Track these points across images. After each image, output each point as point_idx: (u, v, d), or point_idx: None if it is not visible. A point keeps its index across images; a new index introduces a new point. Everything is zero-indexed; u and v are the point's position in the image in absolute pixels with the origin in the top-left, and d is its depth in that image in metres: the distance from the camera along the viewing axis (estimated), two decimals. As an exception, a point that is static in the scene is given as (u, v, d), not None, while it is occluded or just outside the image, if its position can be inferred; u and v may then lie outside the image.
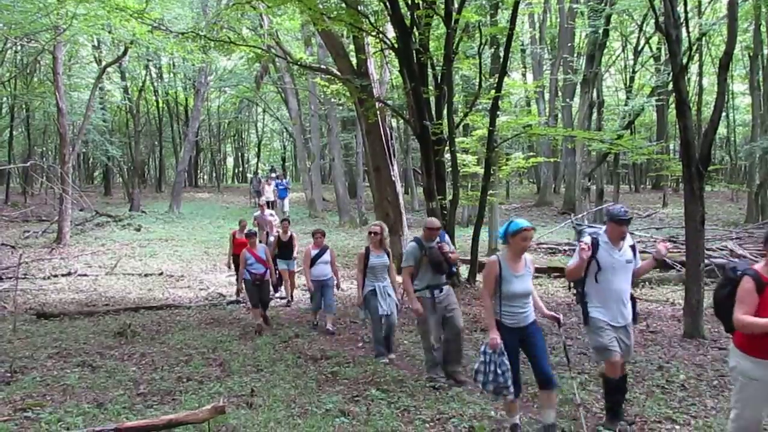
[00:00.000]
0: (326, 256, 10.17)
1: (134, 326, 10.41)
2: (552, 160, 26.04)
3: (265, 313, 10.52)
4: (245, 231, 11.32)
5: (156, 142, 44.65)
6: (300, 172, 36.06)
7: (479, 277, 13.65)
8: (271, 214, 15.40)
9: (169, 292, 14.08)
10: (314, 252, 10.16)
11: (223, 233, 23.23)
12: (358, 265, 8.30)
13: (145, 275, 15.98)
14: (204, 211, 30.33)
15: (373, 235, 8.30)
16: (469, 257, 13.80)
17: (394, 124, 29.29)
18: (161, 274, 16.13)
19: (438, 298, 7.20)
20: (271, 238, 13.20)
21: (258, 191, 29.73)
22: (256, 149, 61.06)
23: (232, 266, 12.97)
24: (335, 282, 10.23)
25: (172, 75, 41.93)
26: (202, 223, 26.44)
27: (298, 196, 33.44)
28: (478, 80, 14.61)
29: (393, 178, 15.00)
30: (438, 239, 7.29)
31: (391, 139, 15.35)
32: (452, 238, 13.27)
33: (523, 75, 39.97)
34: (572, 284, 5.90)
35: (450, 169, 13.89)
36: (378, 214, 15.39)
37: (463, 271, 13.94)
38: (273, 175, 29.76)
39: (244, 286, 10.45)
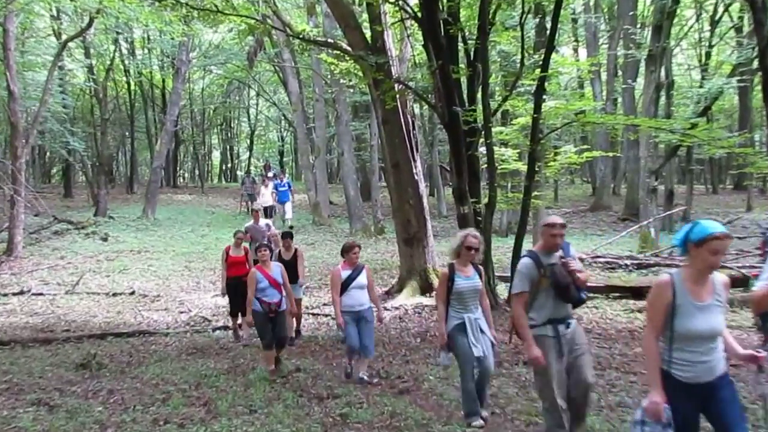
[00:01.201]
0: (362, 279, 9.11)
1: (100, 357, 10.45)
2: (610, 154, 25.91)
3: (279, 354, 9.82)
4: (257, 243, 10.61)
5: (127, 133, 45.09)
6: (301, 170, 36.14)
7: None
8: (268, 225, 15.18)
9: (143, 316, 14.16)
10: (346, 273, 9.06)
11: (208, 244, 23.36)
12: (439, 289, 7.43)
13: (114, 294, 16.09)
14: (184, 217, 30.49)
15: (466, 250, 7.36)
16: (508, 273, 13.73)
17: (416, 111, 29.32)
18: (133, 293, 16.24)
19: (564, 336, 6.37)
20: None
21: (251, 194, 29.84)
22: (248, 141, 61.44)
23: (227, 295, 12.37)
24: (376, 313, 9.25)
25: (146, 51, 42.29)
26: (183, 231, 26.63)
27: (300, 199, 33.56)
28: (519, 57, 14.57)
29: (416, 177, 15.00)
30: (561, 251, 6.51)
31: (414, 129, 15.34)
32: (487, 248, 13.25)
33: (575, 51, 39.91)
34: (760, 317, 5.51)
35: (485, 165, 13.85)
36: (397, 220, 15.38)
37: (501, 291, 13.89)
38: (270, 174, 29.87)
39: (252, 319, 9.68)
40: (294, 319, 11.76)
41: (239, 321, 12.15)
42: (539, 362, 6.17)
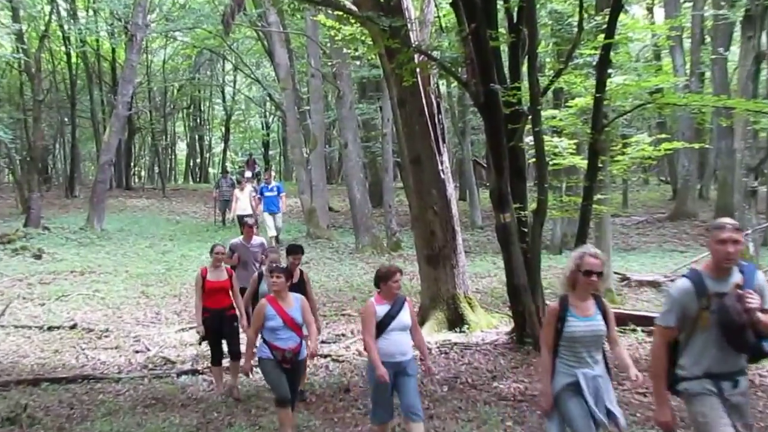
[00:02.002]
0: (404, 316, 8.59)
1: (32, 409, 10.47)
2: (696, 146, 25.73)
3: (293, 409, 9.52)
4: (270, 262, 10.54)
5: (66, 119, 45.31)
6: (292, 166, 36.24)
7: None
8: (263, 245, 14.48)
9: (87, 356, 14.18)
10: (383, 309, 8.55)
11: (171, 263, 23.42)
12: (545, 332, 6.98)
13: (50, 328, 16.13)
14: (141, 228, 30.57)
15: (584, 276, 6.81)
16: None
17: (443, 90, 29.29)
18: (74, 326, 16.27)
19: (731, 397, 5.93)
20: (265, 286, 11.91)
21: (228, 200, 29.84)
22: (223, 130, 61.69)
23: (202, 332, 11.93)
24: (421, 363, 8.87)
25: (91, 13, 42.50)
26: (138, 246, 26.73)
27: (290, 205, 33.63)
28: (577, 19, 14.55)
29: (441, 175, 15.00)
30: (740, 275, 5.98)
31: (439, 112, 15.35)
32: (535, 268, 13.24)
33: (649, 10, 39.85)
34: None
35: (533, 160, 13.83)
36: (417, 232, 15.37)
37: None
38: (248, 173, 29.95)
39: (249, 367, 9.58)
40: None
41: (226, 364, 11.89)
42: (668, 427, 6.03)
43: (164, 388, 12.03)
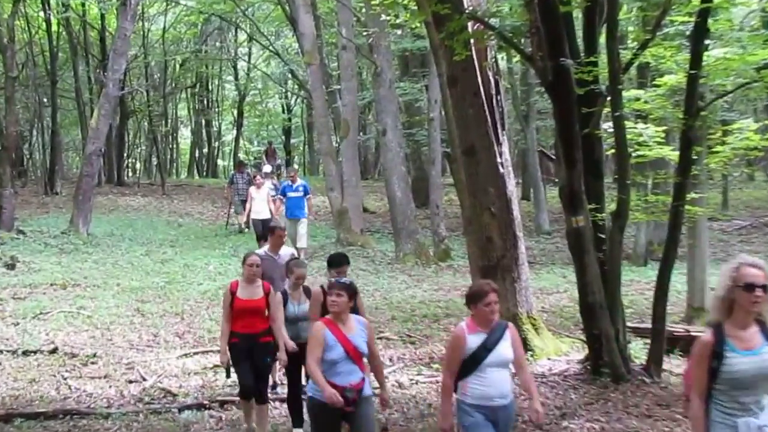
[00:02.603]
0: (504, 349, 8.20)
1: (6, 449, 10.58)
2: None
3: None
4: (296, 278, 10.87)
5: (46, 100, 45.59)
6: (318, 158, 36.35)
7: (670, 364, 13.55)
8: (294, 256, 14.22)
9: (70, 386, 14.26)
10: (476, 339, 8.15)
11: (172, 274, 23.54)
12: (695, 372, 6.46)
13: (25, 353, 16.22)
14: (135, 232, 30.74)
15: (745, 294, 6.28)
16: (648, 324, 13.66)
17: (502, 65, 29.09)
18: (54, 350, 16.35)
19: None
20: (291, 308, 11.93)
21: (245, 200, 29.80)
22: (235, 113, 61.84)
23: (226, 362, 11.66)
24: (530, 405, 8.53)
25: (76, -28, 42.80)
26: (133, 254, 26.94)
27: (317, 205, 33.64)
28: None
29: (500, 169, 14.99)
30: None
31: (498, 93, 15.37)
32: (615, 283, 13.22)
33: (756, -33, 39.52)
34: None
35: (612, 151, 13.81)
36: (471, 238, 15.39)
37: (636, 349, 13.88)
38: (266, 168, 29.88)
39: (308, 411, 9.24)
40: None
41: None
42: None
43: (163, 425, 12.09)
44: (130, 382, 14.52)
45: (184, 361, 15.54)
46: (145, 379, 14.58)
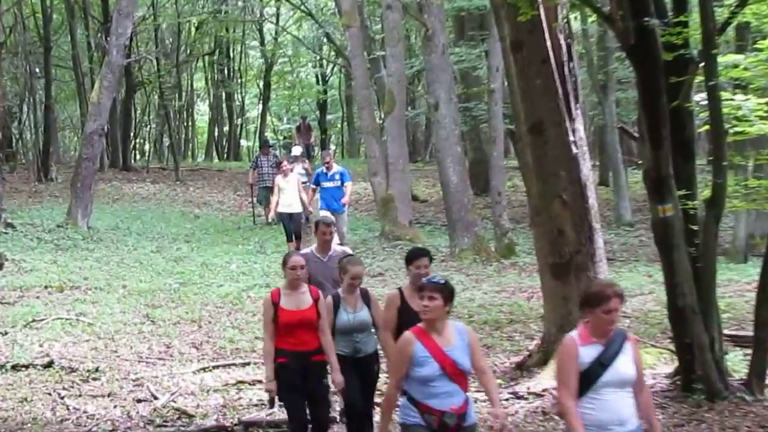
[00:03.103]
0: (625, 365, 7.82)
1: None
2: None
3: None
4: (352, 278, 10.67)
5: (38, 70, 45.84)
6: (359, 138, 36.43)
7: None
8: (347, 254, 14.07)
9: (68, 406, 14.35)
10: (590, 352, 7.81)
11: (187, 275, 23.65)
12: None
13: (15, 367, 16.31)
14: (145, 225, 30.92)
15: None
16: (749, 332, 13.61)
17: (575, 27, 28.94)
18: (50, 364, 16.42)
19: None
20: (345, 316, 11.52)
21: (270, 186, 29.73)
22: (261, 85, 61.93)
23: (273, 390, 11.14)
24: None
25: None
26: (141, 250, 27.13)
27: (358, 192, 33.67)
28: None
29: (574, 150, 14.94)
30: None
31: (570, 60, 15.34)
32: (709, 283, 13.17)
33: None
34: None
35: (706, 127, 13.76)
36: (539, 231, 15.36)
37: (735, 361, 13.85)
38: (296, 150, 29.71)
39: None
40: None
41: None
42: None
43: (179, 451, 12.20)
44: (139, 401, 14.53)
45: (201, 376, 15.54)
46: (156, 398, 14.56)
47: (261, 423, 12.50)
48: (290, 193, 26.61)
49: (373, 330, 11.39)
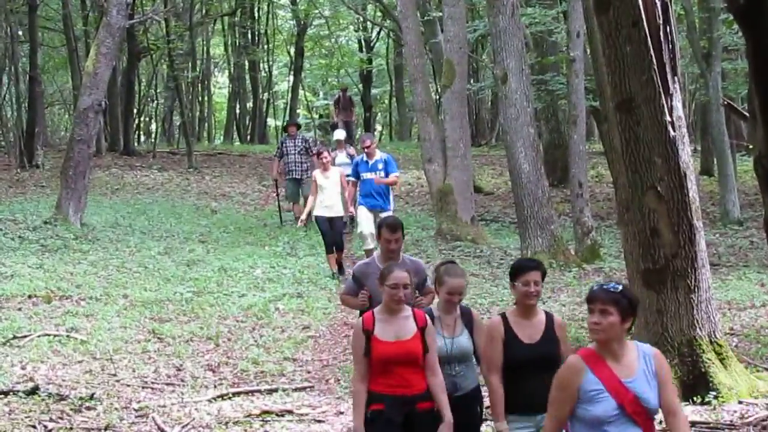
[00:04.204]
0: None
1: None
2: None
3: None
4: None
5: (21, 33, 46.10)
6: (411, 117, 36.56)
7: None
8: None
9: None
10: None
11: (202, 282, 23.76)
12: None
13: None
14: (150, 222, 31.14)
15: None
16: None
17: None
18: (35, 390, 16.53)
19: None
20: (449, 341, 10.80)
21: (298, 179, 29.71)
22: (292, 51, 62.10)
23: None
24: None
25: None
26: (146, 252, 27.38)
27: (408, 182, 33.77)
28: None
29: (671, 132, 14.93)
30: None
31: (667, 22, 15.33)
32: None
33: None
34: None
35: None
36: (629, 230, 15.36)
37: None
38: (338, 135, 29.44)
39: None
40: None
41: None
42: None
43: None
44: (144, 435, 14.73)
45: (219, 405, 15.54)
46: (164, 431, 14.78)
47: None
48: (331, 192, 25.05)
49: (474, 361, 10.69)
